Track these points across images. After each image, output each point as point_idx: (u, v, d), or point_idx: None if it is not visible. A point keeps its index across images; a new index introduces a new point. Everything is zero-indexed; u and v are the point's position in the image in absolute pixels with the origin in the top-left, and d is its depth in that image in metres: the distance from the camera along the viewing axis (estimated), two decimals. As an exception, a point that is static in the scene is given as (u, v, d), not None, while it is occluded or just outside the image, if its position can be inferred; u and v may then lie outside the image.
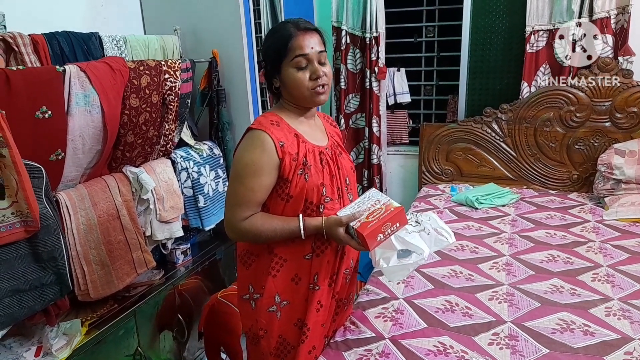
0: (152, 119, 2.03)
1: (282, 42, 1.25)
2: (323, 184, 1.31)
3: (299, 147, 1.29)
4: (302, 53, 1.25)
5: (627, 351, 1.37)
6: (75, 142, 1.76)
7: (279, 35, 1.27)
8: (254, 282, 1.38)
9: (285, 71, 1.27)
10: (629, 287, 1.72)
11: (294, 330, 1.37)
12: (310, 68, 1.27)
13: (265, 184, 1.27)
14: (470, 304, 1.65)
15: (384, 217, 1.23)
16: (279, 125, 1.30)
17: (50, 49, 1.85)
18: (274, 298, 1.35)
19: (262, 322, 1.37)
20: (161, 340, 2.14)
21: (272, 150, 1.25)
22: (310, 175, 1.29)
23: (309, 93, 1.28)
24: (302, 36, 1.25)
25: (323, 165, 1.33)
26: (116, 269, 1.91)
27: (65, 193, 1.79)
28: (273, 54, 1.28)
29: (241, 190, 1.27)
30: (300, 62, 1.25)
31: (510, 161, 2.95)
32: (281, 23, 1.31)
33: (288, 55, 1.25)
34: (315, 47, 1.27)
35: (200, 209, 2.33)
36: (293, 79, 1.27)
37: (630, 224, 2.29)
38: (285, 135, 1.29)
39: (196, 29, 2.45)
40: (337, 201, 1.36)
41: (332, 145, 1.41)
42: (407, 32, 3.30)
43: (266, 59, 1.32)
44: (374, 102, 3.15)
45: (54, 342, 1.68)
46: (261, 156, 1.24)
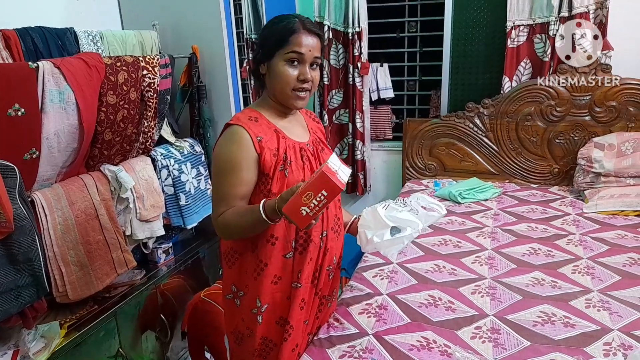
0: (131, 116, 2.00)
1: (284, 32, 1.25)
2: (304, 180, 1.29)
3: (279, 143, 1.28)
4: (299, 51, 1.24)
5: (606, 342, 1.38)
6: (50, 140, 1.72)
7: (283, 25, 1.26)
8: (238, 282, 1.37)
9: (276, 61, 1.26)
10: (608, 279, 1.74)
11: (276, 329, 1.36)
12: (300, 68, 1.26)
13: (245, 178, 1.25)
14: (453, 298, 1.66)
15: (304, 186, 1.07)
16: (258, 120, 1.29)
17: (23, 44, 1.80)
18: (255, 301, 1.34)
19: (247, 321, 1.36)
20: (143, 340, 2.11)
21: (250, 144, 1.24)
22: (290, 172, 1.28)
23: (290, 92, 1.27)
24: (304, 35, 1.25)
25: (304, 161, 1.32)
26: (95, 270, 1.87)
27: (41, 193, 1.75)
28: (271, 41, 1.26)
29: (222, 187, 1.26)
30: (293, 58, 1.25)
31: (493, 156, 2.97)
32: (289, 15, 1.29)
33: (285, 48, 1.24)
34: (313, 51, 1.26)
35: (181, 207, 2.30)
36: (281, 72, 1.26)
37: (609, 216, 2.32)
38: (264, 130, 1.28)
39: (175, 24, 2.41)
40: None
41: (314, 141, 1.40)
42: (389, 27, 3.29)
43: (262, 43, 1.30)
44: (357, 97, 3.14)
45: (31, 346, 1.65)
46: (238, 151, 1.23)
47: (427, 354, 1.36)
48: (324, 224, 1.36)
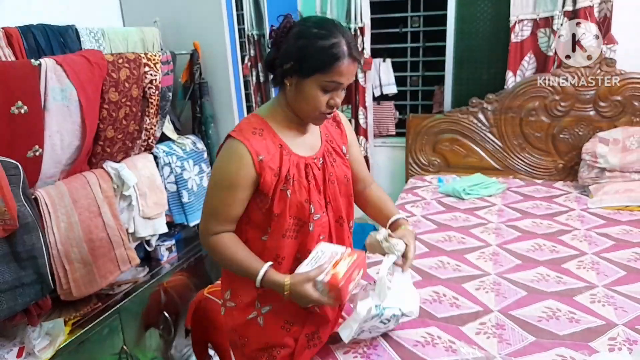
0: (133, 113, 1.99)
1: (330, 57, 1.12)
2: (308, 200, 1.23)
3: (282, 161, 1.20)
4: (340, 81, 1.15)
5: (611, 337, 1.38)
6: (53, 137, 1.71)
7: (329, 47, 1.12)
8: (232, 287, 1.32)
9: (310, 84, 1.15)
10: (613, 274, 1.73)
11: (281, 334, 1.30)
12: (332, 95, 1.17)
13: (240, 198, 1.21)
14: (457, 294, 1.65)
15: (354, 265, 1.17)
16: (262, 133, 1.20)
17: (25, 42, 1.79)
18: (255, 305, 1.29)
19: (240, 331, 1.32)
20: (147, 338, 2.11)
21: (250, 165, 1.17)
22: (293, 192, 1.20)
23: (316, 114, 1.20)
24: (350, 64, 1.14)
25: (309, 180, 1.23)
26: (99, 267, 1.87)
27: (44, 190, 1.75)
28: (312, 60, 1.13)
29: (215, 202, 1.22)
30: (329, 87, 1.15)
31: (497, 151, 2.95)
32: (335, 30, 1.14)
33: (327, 74, 1.13)
34: (350, 78, 1.18)
35: (184, 205, 2.30)
36: (312, 97, 1.16)
37: (614, 211, 2.31)
38: (267, 147, 1.19)
39: (177, 21, 2.40)
40: (327, 214, 1.28)
41: (324, 153, 1.29)
42: (392, 22, 3.27)
43: (299, 57, 1.14)
44: (360, 93, 3.13)
45: (36, 343, 1.65)
46: (238, 171, 1.17)
47: (431, 349, 1.36)
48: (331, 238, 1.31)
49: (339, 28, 1.16)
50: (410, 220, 2.35)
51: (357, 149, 1.47)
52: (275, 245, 1.24)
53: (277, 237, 1.23)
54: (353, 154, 1.42)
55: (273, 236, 1.23)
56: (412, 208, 2.52)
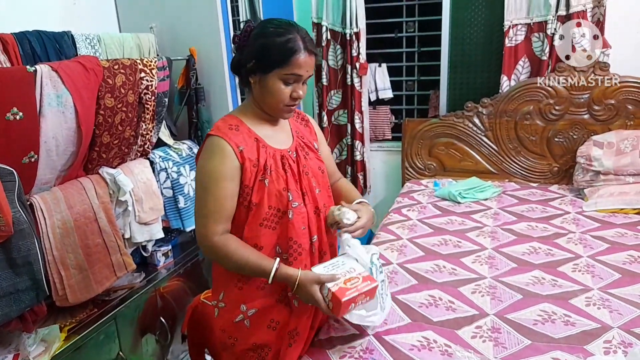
0: (129, 118, 2.00)
1: (286, 52, 1.20)
2: (287, 188, 1.28)
3: (259, 153, 1.27)
4: (299, 73, 1.23)
5: (607, 339, 1.38)
6: (49, 143, 1.72)
7: (285, 42, 1.21)
8: (225, 290, 1.35)
9: (272, 79, 1.23)
10: (608, 277, 1.74)
11: (268, 333, 1.33)
12: (294, 87, 1.25)
13: (230, 190, 1.24)
14: (453, 298, 1.65)
15: (364, 290, 1.22)
16: (238, 129, 1.28)
17: (21, 48, 1.80)
18: (240, 307, 1.32)
19: (230, 331, 1.34)
20: (143, 344, 2.11)
21: (232, 155, 1.23)
22: (271, 181, 1.26)
23: (281, 107, 1.27)
24: (306, 57, 1.22)
25: (285, 170, 1.30)
26: (95, 273, 1.87)
27: (40, 196, 1.75)
28: (270, 57, 1.21)
29: (209, 200, 1.24)
30: (290, 79, 1.23)
31: (492, 155, 2.96)
32: (290, 27, 1.24)
33: (285, 68, 1.21)
34: (309, 71, 1.25)
35: (180, 210, 2.30)
36: (275, 90, 1.24)
37: (609, 214, 2.32)
38: (245, 139, 1.26)
39: (173, 27, 2.41)
40: (305, 206, 1.32)
41: (297, 147, 1.37)
42: (387, 27, 3.29)
43: (258, 55, 1.23)
44: (356, 98, 3.13)
45: (31, 349, 1.64)
46: (222, 163, 1.22)
47: (427, 353, 1.36)
48: (312, 228, 1.34)
49: (294, 25, 1.26)
50: (406, 224, 2.35)
51: (327, 147, 1.55)
52: (253, 235, 1.28)
53: (255, 227, 1.27)
54: (323, 152, 1.49)
55: (251, 226, 1.27)
56: (408, 212, 2.53)
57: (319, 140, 1.48)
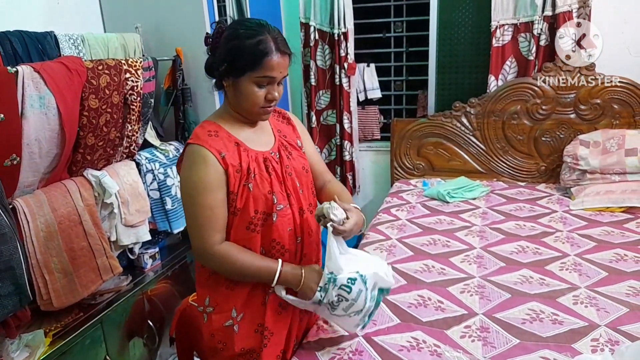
0: (114, 120, 1.97)
1: (257, 55, 1.17)
2: (272, 191, 1.26)
3: (241, 157, 1.24)
4: (271, 75, 1.20)
5: (594, 338, 1.39)
6: (31, 146, 1.68)
7: (256, 44, 1.17)
8: (210, 297, 1.33)
9: (244, 82, 1.20)
10: (595, 275, 1.75)
11: (255, 337, 1.32)
12: (269, 88, 1.22)
13: (220, 199, 1.22)
14: (442, 297, 1.66)
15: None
16: (218, 135, 1.25)
17: (2, 49, 1.76)
18: (231, 312, 1.30)
19: (219, 336, 1.32)
20: (131, 347, 2.08)
21: (216, 163, 1.20)
22: (255, 185, 1.24)
23: (257, 110, 1.25)
24: (277, 57, 1.19)
25: (269, 172, 1.28)
26: (80, 277, 1.84)
27: (23, 199, 1.72)
28: (241, 60, 1.18)
29: (200, 212, 1.21)
30: (263, 82, 1.21)
31: (480, 154, 2.98)
32: (260, 29, 1.20)
33: (257, 71, 1.18)
34: (283, 72, 1.22)
35: (167, 212, 2.27)
36: (249, 93, 1.21)
37: (595, 213, 2.34)
38: (225, 145, 1.24)
39: (158, 27, 2.38)
40: (290, 207, 1.31)
41: (279, 147, 1.34)
42: (375, 27, 3.29)
43: (230, 58, 1.20)
44: (345, 98, 3.13)
45: (15, 355, 1.61)
46: (207, 172, 1.20)
47: (417, 354, 1.36)
48: (297, 229, 1.33)
49: (264, 26, 1.22)
50: (395, 224, 2.35)
51: (312, 145, 1.50)
52: (240, 238, 1.26)
53: (242, 231, 1.26)
54: (308, 151, 1.45)
55: (237, 230, 1.26)
56: (397, 212, 2.53)
57: (302, 137, 1.45)
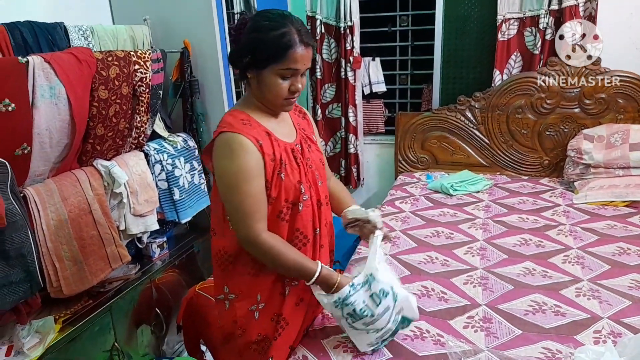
0: (123, 110, 1.99)
1: (282, 47, 1.17)
2: (300, 181, 1.28)
3: (274, 146, 1.25)
4: (295, 67, 1.20)
5: (596, 329, 1.41)
6: (42, 135, 1.70)
7: (278, 36, 1.17)
8: (230, 284, 1.34)
9: (268, 74, 1.21)
10: (598, 268, 1.77)
11: (271, 326, 1.34)
12: (292, 80, 1.23)
13: (261, 186, 1.22)
14: (445, 288, 1.68)
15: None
16: (250, 124, 1.24)
17: (12, 39, 1.77)
18: (256, 297, 1.32)
19: (240, 322, 1.34)
20: (139, 335, 2.11)
21: (255, 150, 1.20)
22: (286, 175, 1.25)
23: (281, 102, 1.26)
24: (302, 50, 1.19)
25: (298, 163, 1.30)
26: (89, 265, 1.86)
27: (33, 188, 1.74)
28: (265, 52, 1.18)
29: (245, 200, 1.20)
30: (287, 74, 1.21)
31: (484, 148, 2.99)
32: (284, 20, 1.20)
33: (281, 63, 1.18)
34: (307, 64, 1.22)
35: (175, 202, 2.30)
36: (273, 85, 1.22)
37: (599, 207, 2.35)
38: (259, 134, 1.23)
39: (167, 19, 2.39)
40: (311, 198, 1.33)
41: (301, 140, 1.36)
42: (381, 21, 3.29)
43: (253, 50, 1.19)
44: (350, 91, 3.14)
45: (25, 341, 1.64)
46: (247, 159, 1.19)
47: (420, 343, 1.38)
48: (315, 220, 1.35)
49: (288, 18, 1.21)
50: (399, 216, 2.37)
51: (320, 140, 1.55)
52: (270, 226, 1.27)
53: (273, 219, 1.27)
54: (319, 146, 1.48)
55: (270, 219, 1.27)
56: (401, 204, 2.55)
57: (315, 132, 1.48)
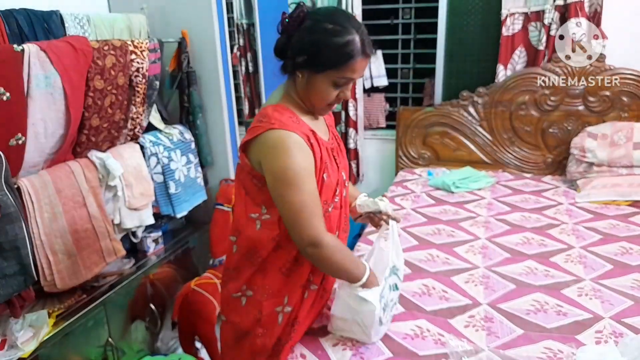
0: (119, 101, 1.95)
1: (344, 55, 1.12)
2: (338, 182, 1.27)
3: (320, 145, 1.22)
4: (352, 77, 1.17)
5: (598, 329, 1.39)
6: (37, 126, 1.67)
7: (343, 45, 1.12)
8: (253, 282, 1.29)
9: (322, 79, 1.16)
10: (600, 268, 1.75)
11: (287, 330, 1.32)
12: (343, 90, 1.19)
13: (315, 184, 1.19)
14: (446, 287, 1.66)
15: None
16: (297, 121, 1.20)
17: (8, 27, 1.74)
18: (284, 298, 1.28)
19: (264, 320, 1.29)
20: (133, 330, 2.09)
21: (308, 149, 1.17)
22: (328, 175, 1.23)
23: (324, 107, 1.23)
24: (362, 61, 1.15)
25: (337, 163, 1.28)
26: (83, 259, 1.84)
27: (28, 180, 1.71)
28: (325, 57, 1.13)
29: (308, 199, 1.15)
30: (341, 82, 1.17)
31: (486, 145, 2.96)
32: (350, 27, 1.14)
33: (340, 71, 1.14)
34: (362, 73, 1.20)
35: (171, 196, 2.26)
36: (323, 91, 1.18)
37: (601, 205, 2.33)
38: (308, 132, 1.20)
39: (164, 8, 2.35)
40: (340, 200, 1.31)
41: (332, 139, 1.34)
42: (383, 13, 3.25)
43: (312, 51, 1.13)
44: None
45: (19, 335, 1.62)
46: (304, 157, 1.16)
47: (420, 342, 1.36)
48: (337, 223, 1.32)
49: (352, 23, 1.16)
50: (400, 213, 2.34)
51: None
52: None
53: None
54: None
55: None
56: (401, 201, 2.52)
57: None
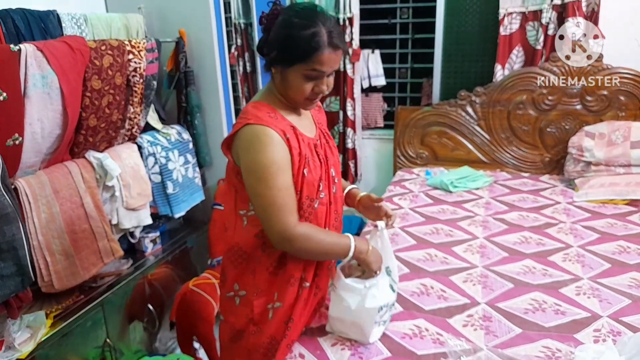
0: (116, 101, 1.95)
1: (310, 47, 1.12)
2: (321, 178, 1.26)
3: (299, 141, 1.22)
4: (321, 69, 1.15)
5: (596, 328, 1.39)
6: (34, 126, 1.67)
7: (308, 36, 1.11)
8: (241, 281, 1.31)
9: (293, 73, 1.17)
10: (598, 267, 1.74)
11: (282, 328, 1.32)
12: (317, 83, 1.18)
13: (290, 178, 1.19)
14: (445, 286, 1.65)
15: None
16: (276, 117, 1.21)
17: (4, 27, 1.74)
18: (274, 295, 1.29)
19: (257, 319, 1.30)
20: (131, 331, 2.09)
21: (282, 144, 1.17)
22: (309, 171, 1.22)
23: (303, 101, 1.22)
24: (330, 53, 1.14)
25: (321, 160, 1.27)
26: (81, 259, 1.83)
27: (25, 180, 1.71)
28: (292, 50, 1.14)
29: (277, 194, 1.16)
30: (312, 75, 1.16)
31: (484, 144, 2.96)
32: (316, 19, 1.13)
33: (307, 64, 1.14)
34: (334, 66, 1.18)
35: (169, 196, 2.26)
36: (296, 85, 1.18)
37: (599, 205, 2.33)
38: (285, 127, 1.20)
39: (162, 8, 2.35)
40: (329, 195, 1.31)
41: (320, 136, 1.33)
42: (381, 13, 3.25)
43: (280, 46, 1.15)
44: (349, 85, 3.10)
45: (16, 336, 1.62)
46: (276, 152, 1.15)
47: (419, 342, 1.36)
48: (326, 219, 1.32)
49: (320, 16, 1.15)
50: (397, 213, 2.34)
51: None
52: None
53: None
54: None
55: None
56: (399, 201, 2.52)
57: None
